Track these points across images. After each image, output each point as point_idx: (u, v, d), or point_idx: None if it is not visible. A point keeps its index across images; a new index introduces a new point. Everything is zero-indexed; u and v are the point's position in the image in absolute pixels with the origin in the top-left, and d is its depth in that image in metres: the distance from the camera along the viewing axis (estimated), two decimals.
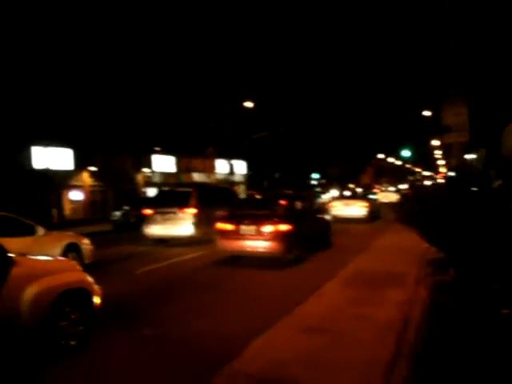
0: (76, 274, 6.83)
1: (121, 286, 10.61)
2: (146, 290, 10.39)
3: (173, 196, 18.92)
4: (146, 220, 18.29)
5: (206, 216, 17.33)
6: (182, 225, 17.35)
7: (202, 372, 5.39)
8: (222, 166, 54.61)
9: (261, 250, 12.66)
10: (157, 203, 18.70)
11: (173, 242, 18.06)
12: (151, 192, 44.18)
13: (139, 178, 44.52)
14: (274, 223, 12.59)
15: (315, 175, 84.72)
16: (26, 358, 5.86)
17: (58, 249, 12.06)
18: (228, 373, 5.28)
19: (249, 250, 12.90)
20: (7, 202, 25.67)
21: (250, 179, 61.06)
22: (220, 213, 15.55)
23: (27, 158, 34.75)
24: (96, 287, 6.91)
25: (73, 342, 6.24)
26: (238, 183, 54.08)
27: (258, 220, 12.82)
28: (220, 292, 10.09)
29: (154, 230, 17.96)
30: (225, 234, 13.22)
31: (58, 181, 35.64)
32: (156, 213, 17.94)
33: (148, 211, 18.34)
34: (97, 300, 6.81)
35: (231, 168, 49.34)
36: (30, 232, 11.54)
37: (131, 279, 11.79)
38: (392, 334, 6.33)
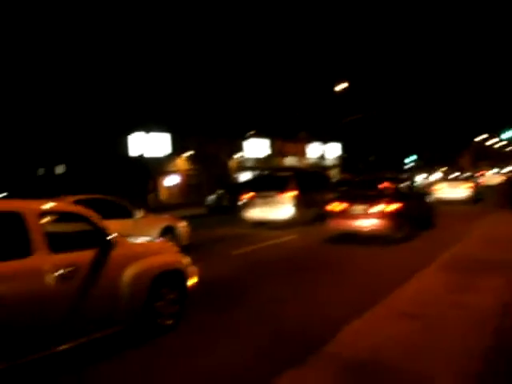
0: (173, 256, 6.88)
1: (216, 267, 10.64)
2: (240, 272, 10.33)
3: (272, 180, 19.44)
4: (246, 203, 18.90)
5: (303, 199, 17.84)
6: (281, 208, 17.74)
7: (295, 355, 5.20)
8: (314, 150, 54.21)
9: (371, 228, 13.14)
10: (256, 187, 19.20)
11: (270, 225, 18.27)
12: (244, 176, 44.64)
13: (232, 162, 45.06)
14: (384, 203, 13.11)
15: (410, 158, 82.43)
16: (124, 337, 5.98)
17: (155, 231, 12.33)
18: (321, 356, 5.09)
19: (359, 228, 13.40)
20: (108, 187, 26.85)
21: (344, 162, 60.29)
22: (329, 195, 16.47)
23: (127, 144, 36.14)
24: (192, 268, 6.96)
25: (169, 322, 6.33)
26: (330, 167, 53.51)
27: (368, 200, 13.40)
28: (318, 273, 9.87)
29: (254, 213, 18.50)
30: (335, 214, 13.89)
31: (154, 166, 36.81)
32: (256, 196, 18.52)
33: (248, 195, 18.94)
34: (193, 281, 6.86)
35: (323, 152, 48.85)
36: (129, 215, 11.88)
37: (226, 261, 11.78)
38: (491, 324, 5.89)
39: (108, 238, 5.69)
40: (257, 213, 18.40)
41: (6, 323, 4.52)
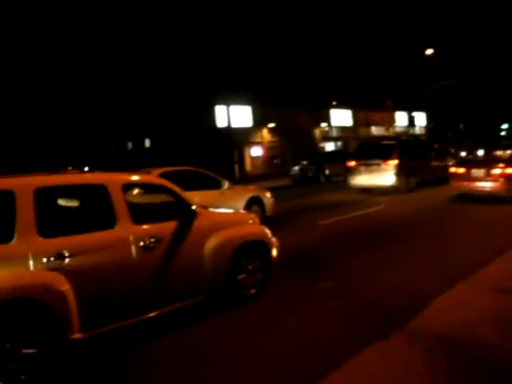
0: (254, 227, 6.77)
1: (302, 238, 10.47)
2: (327, 242, 10.04)
3: (376, 149, 20.23)
4: (351, 171, 19.97)
5: (406, 167, 18.62)
6: (385, 175, 18.56)
7: (379, 329, 4.95)
8: (400, 119, 52.68)
9: (488, 189, 14.57)
10: (360, 156, 20.02)
11: (375, 191, 19.07)
12: (329, 146, 44.10)
13: (317, 132, 44.58)
14: (502, 167, 14.39)
15: (504, 126, 78.28)
16: (206, 306, 5.95)
17: (241, 202, 12.30)
18: (409, 329, 4.87)
19: (478, 189, 14.90)
20: (194, 158, 27.32)
21: (431, 131, 58.20)
22: (434, 162, 19.61)
23: (211, 116, 36.59)
24: (273, 239, 6.79)
25: (252, 291, 6.28)
26: (417, 136, 51.77)
27: (487, 164, 15.02)
28: (410, 243, 9.45)
29: (359, 180, 19.47)
30: (457, 176, 15.53)
31: (239, 138, 37.06)
32: (360, 164, 19.42)
33: (353, 163, 19.93)
34: (274, 252, 6.71)
35: (411, 120, 47.17)
36: (216, 186, 11.92)
37: (313, 231, 11.54)
38: None
39: (189, 209, 5.66)
40: (361, 180, 19.27)
41: (93, 291, 4.60)
